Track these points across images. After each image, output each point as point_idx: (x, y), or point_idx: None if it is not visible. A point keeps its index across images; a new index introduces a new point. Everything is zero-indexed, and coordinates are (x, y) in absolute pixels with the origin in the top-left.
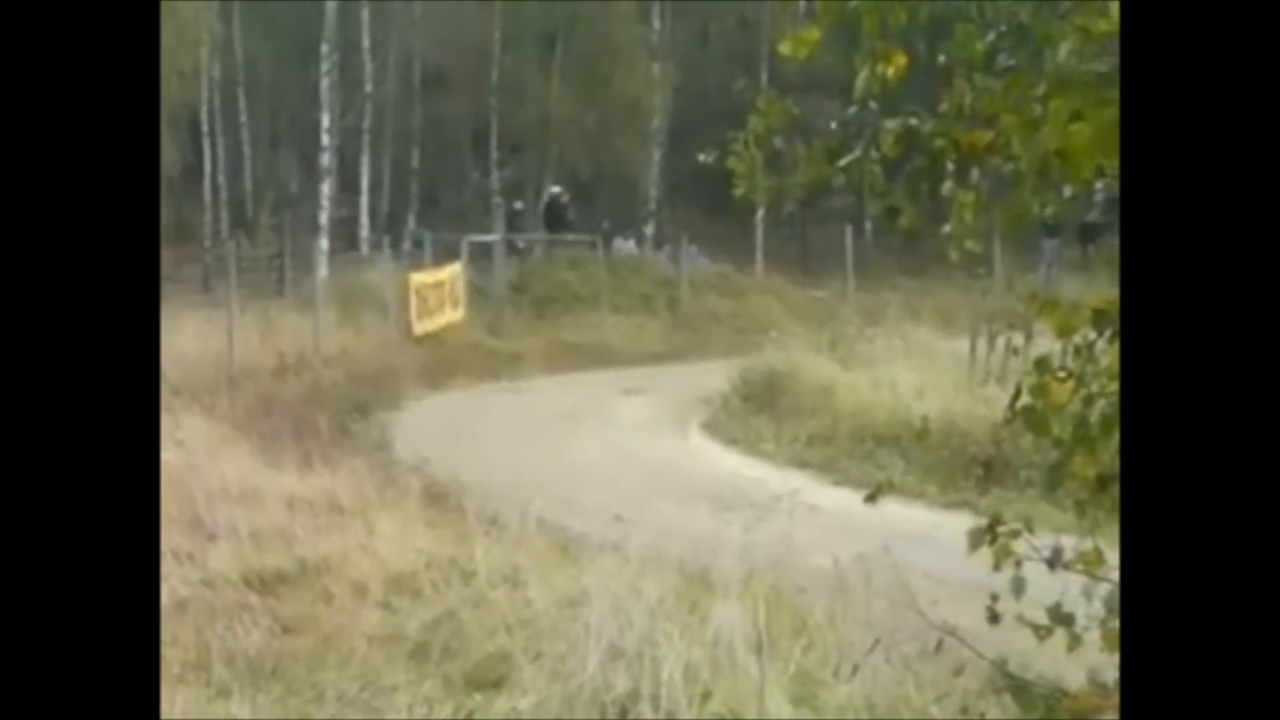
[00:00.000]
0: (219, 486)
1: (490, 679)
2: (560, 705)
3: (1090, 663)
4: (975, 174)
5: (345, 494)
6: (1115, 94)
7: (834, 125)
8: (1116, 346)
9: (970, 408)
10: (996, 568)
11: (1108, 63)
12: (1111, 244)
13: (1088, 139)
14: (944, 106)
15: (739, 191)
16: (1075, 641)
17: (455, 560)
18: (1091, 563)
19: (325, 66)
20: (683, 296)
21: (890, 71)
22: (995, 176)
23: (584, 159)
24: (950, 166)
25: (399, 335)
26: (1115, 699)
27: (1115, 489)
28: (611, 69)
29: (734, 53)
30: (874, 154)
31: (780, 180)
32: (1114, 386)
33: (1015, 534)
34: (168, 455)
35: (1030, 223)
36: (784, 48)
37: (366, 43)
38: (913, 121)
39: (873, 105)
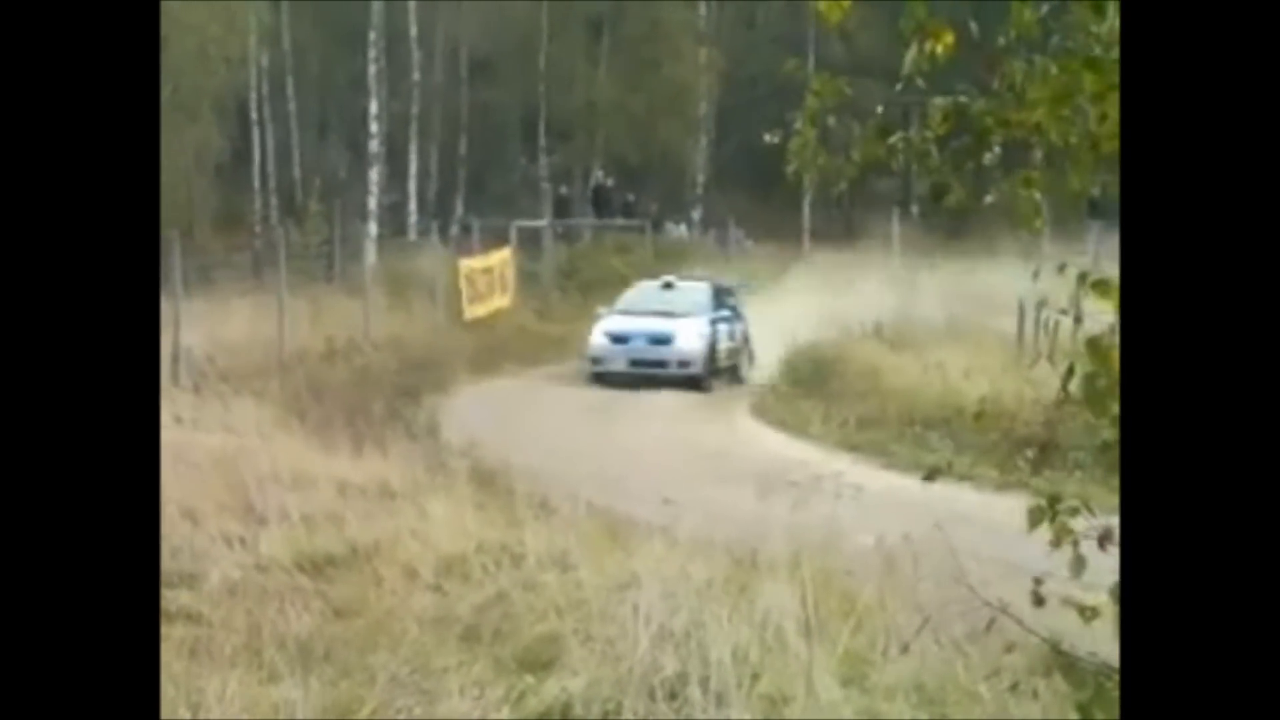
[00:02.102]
0: (270, 471)
1: (541, 661)
2: (610, 687)
3: None
4: (1038, 154)
5: (396, 478)
6: None
7: (885, 104)
8: None
9: (1019, 389)
10: (1056, 545)
11: None
12: None
13: None
14: (996, 85)
15: (792, 169)
16: None
17: (505, 544)
18: None
19: (373, 54)
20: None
21: (939, 49)
22: (1046, 157)
23: (631, 145)
24: (997, 145)
25: (448, 320)
26: None
27: None
28: (658, 54)
29: (781, 37)
30: (925, 133)
31: (834, 159)
32: None
33: (1075, 512)
34: (217, 440)
35: (1079, 203)
36: (821, 6)
37: (414, 31)
38: (962, 100)
39: (920, 84)
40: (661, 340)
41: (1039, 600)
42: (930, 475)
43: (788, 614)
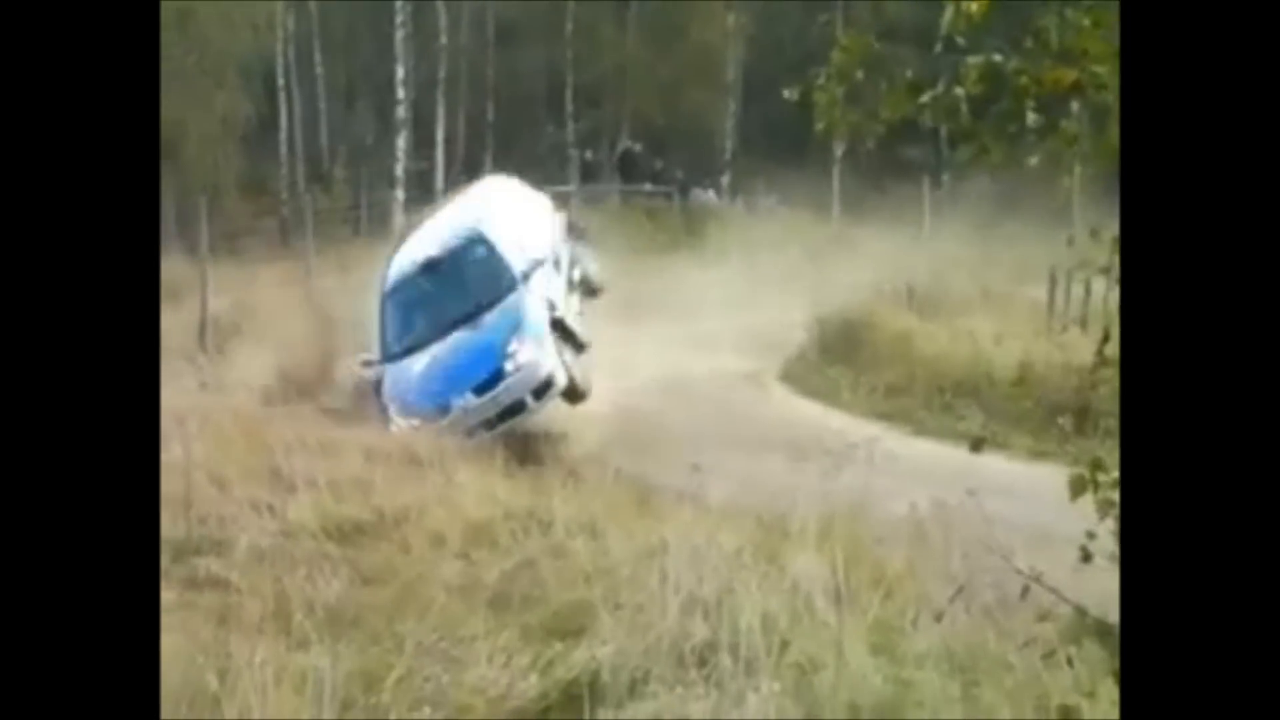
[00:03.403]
0: (296, 438)
1: (569, 628)
2: (639, 655)
3: None
4: (1077, 109)
5: (422, 445)
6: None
7: (920, 65)
8: None
9: (1049, 355)
10: (1102, 516)
11: None
12: None
13: None
14: (1029, 44)
15: (820, 126)
16: None
17: (533, 511)
18: None
19: (400, 19)
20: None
21: (974, 7)
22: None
23: (659, 110)
24: (1032, 104)
25: None
26: None
27: None
28: (686, 19)
29: (810, 2)
30: (955, 91)
31: (861, 114)
32: None
33: (1117, 484)
34: (240, 400)
35: (1114, 163)
36: None
37: None
38: (997, 58)
39: (959, 41)
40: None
41: (1086, 556)
42: (976, 445)
43: (817, 582)
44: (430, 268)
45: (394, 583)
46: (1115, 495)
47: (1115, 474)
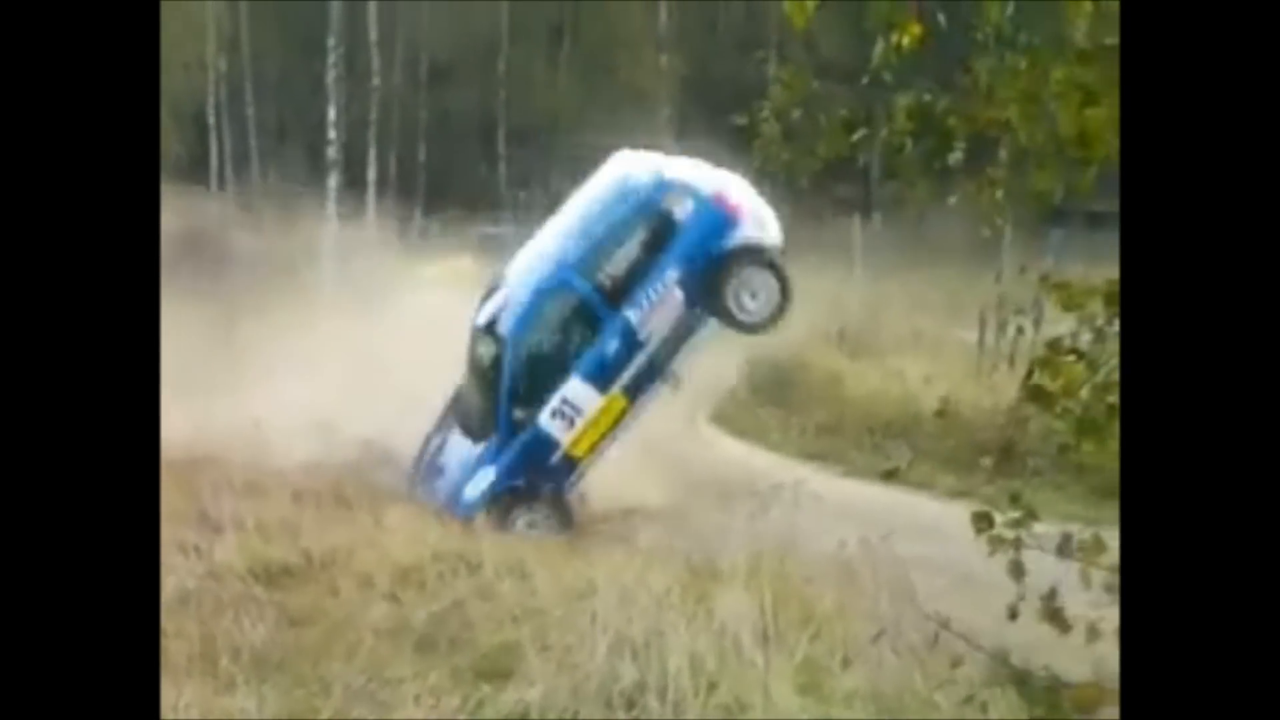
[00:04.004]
0: (225, 479)
1: (498, 670)
2: (568, 696)
3: (1097, 654)
4: (1003, 153)
5: (350, 487)
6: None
7: (850, 98)
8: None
9: (978, 396)
10: (990, 553)
11: (1112, 39)
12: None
13: (1102, 120)
14: (962, 83)
15: (757, 164)
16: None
17: (462, 553)
18: (1090, 551)
19: (332, 59)
20: None
21: (905, 41)
22: (1011, 158)
23: (592, 150)
24: (960, 146)
25: None
26: (1115, 692)
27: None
28: (619, 60)
29: (743, 42)
30: (890, 128)
31: (797, 152)
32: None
33: (1019, 524)
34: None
35: (1045, 206)
36: (787, 7)
37: (374, 35)
38: (926, 98)
39: (887, 79)
40: None
41: (1014, 615)
42: (889, 475)
43: (745, 622)
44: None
45: (321, 625)
46: (1009, 534)
47: (1015, 515)
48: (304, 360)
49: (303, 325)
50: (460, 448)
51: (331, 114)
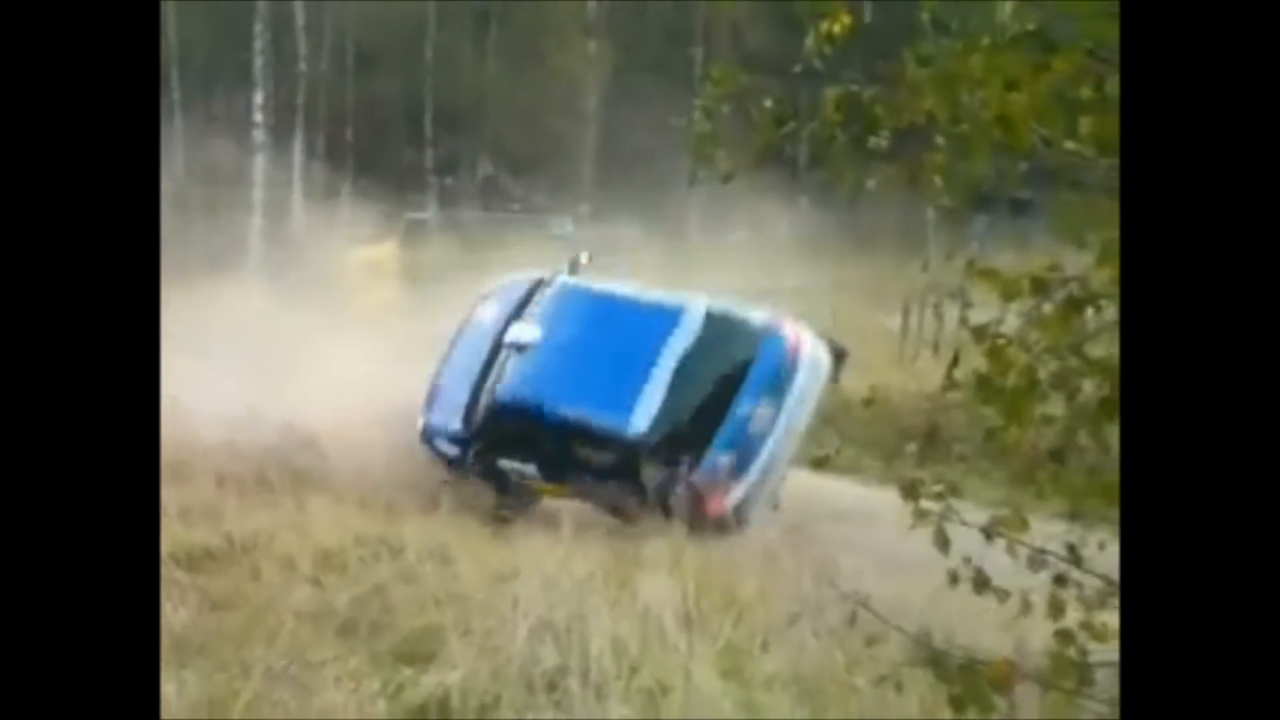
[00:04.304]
0: None
1: (419, 654)
2: (489, 680)
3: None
4: (939, 139)
5: (274, 471)
6: (1051, 60)
7: (781, 88)
8: (1057, 315)
9: (903, 383)
10: (913, 526)
11: (1040, 23)
12: (1039, 220)
13: (1024, 106)
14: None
15: (691, 160)
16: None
17: (384, 537)
18: (1014, 529)
19: (259, 45)
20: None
21: (836, 29)
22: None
23: (519, 137)
24: (885, 133)
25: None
26: (1024, 668)
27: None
28: (547, 46)
29: (672, 30)
30: (819, 120)
31: (728, 146)
32: (1054, 355)
33: (941, 496)
34: None
35: (973, 193)
36: None
37: (301, 21)
38: (853, 89)
39: (818, 65)
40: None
41: (954, 579)
42: (819, 463)
43: (668, 606)
44: None
45: (243, 609)
46: (935, 506)
47: (938, 488)
48: (227, 344)
49: (227, 309)
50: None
51: (259, 99)
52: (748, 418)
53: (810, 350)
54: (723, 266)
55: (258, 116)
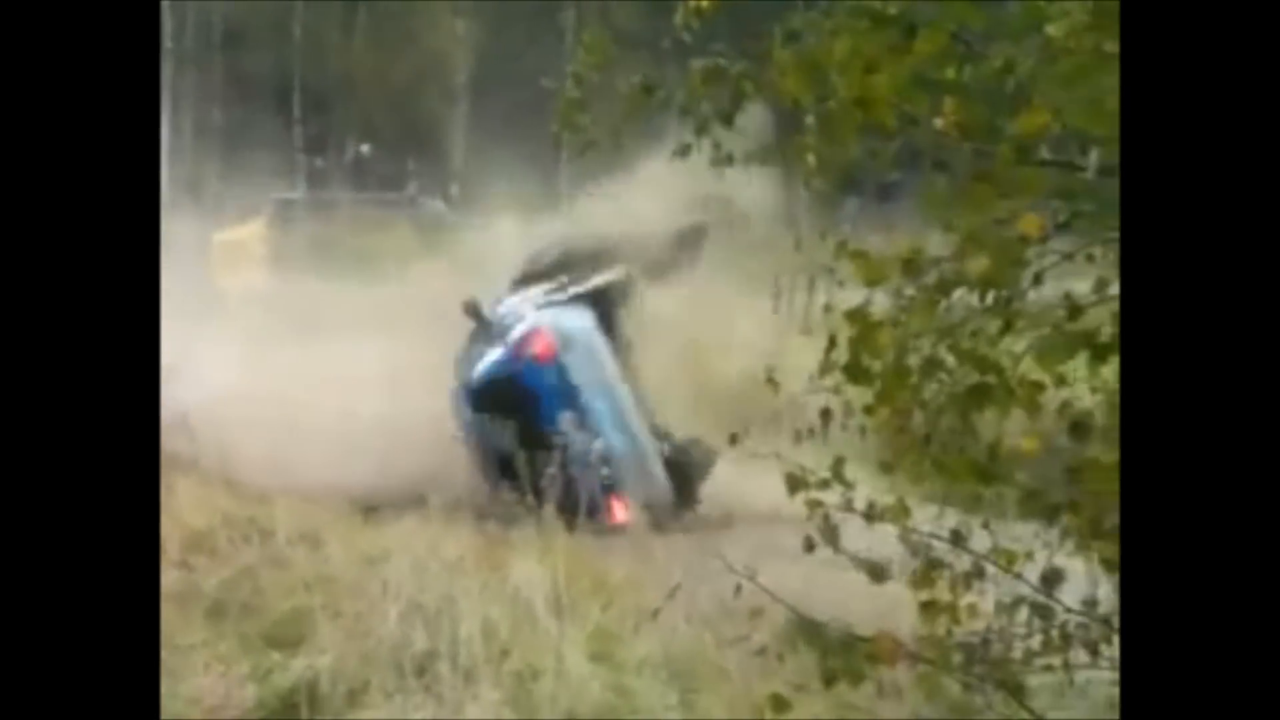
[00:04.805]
0: None
1: (289, 637)
2: (359, 663)
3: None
4: (809, 118)
5: None
6: (912, 43)
7: (650, 68)
8: (922, 296)
9: (775, 364)
10: (808, 517)
11: (898, 6)
12: (905, 202)
13: (885, 88)
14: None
15: (555, 129)
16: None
17: (254, 519)
18: (898, 515)
19: None
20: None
21: (704, 4)
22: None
23: (388, 116)
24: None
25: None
26: (907, 647)
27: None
28: (414, 25)
29: (540, 10)
30: (688, 90)
31: (595, 117)
32: (924, 336)
33: (825, 484)
34: None
35: (845, 175)
36: None
37: None
38: (721, 62)
39: (688, 39)
40: None
41: (810, 546)
42: (733, 440)
43: (539, 590)
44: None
45: None
46: (823, 495)
47: (824, 476)
48: None
49: None
50: None
51: None
52: (565, 433)
53: (564, 333)
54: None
55: None
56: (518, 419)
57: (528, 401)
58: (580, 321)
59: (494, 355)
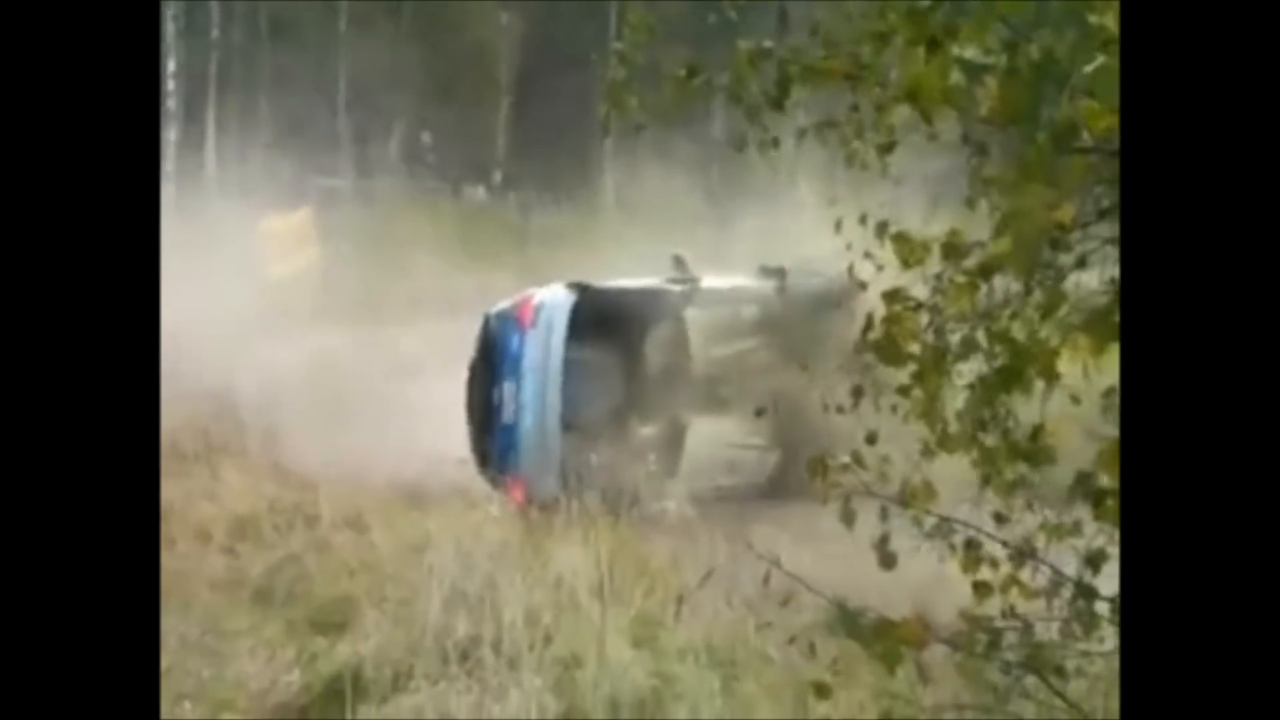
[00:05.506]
0: None
1: (333, 623)
2: (403, 649)
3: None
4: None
5: (188, 440)
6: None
7: (698, 50)
8: (962, 279)
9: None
10: (824, 502)
11: None
12: (948, 187)
13: (935, 70)
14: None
15: (604, 110)
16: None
17: (299, 505)
18: (922, 498)
19: (172, 13)
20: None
21: None
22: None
23: (433, 106)
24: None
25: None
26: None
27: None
28: (460, 16)
29: (585, 1)
30: (733, 74)
31: (643, 98)
32: (962, 321)
33: (845, 468)
34: None
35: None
36: None
37: None
38: (767, 44)
39: (732, 16)
40: None
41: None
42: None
43: (581, 576)
44: None
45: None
46: (842, 479)
47: (844, 460)
48: None
49: None
50: None
51: (171, 67)
52: (498, 404)
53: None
54: (637, 239)
55: (170, 86)
56: (486, 372)
57: (493, 356)
58: (558, 302)
59: (505, 306)
